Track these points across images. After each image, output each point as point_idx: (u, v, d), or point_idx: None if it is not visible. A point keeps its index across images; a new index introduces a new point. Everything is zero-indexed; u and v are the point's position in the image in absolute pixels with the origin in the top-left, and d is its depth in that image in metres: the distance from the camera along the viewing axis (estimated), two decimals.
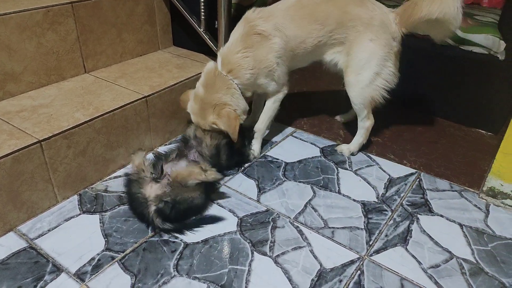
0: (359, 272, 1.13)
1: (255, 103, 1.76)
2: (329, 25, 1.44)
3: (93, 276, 1.08)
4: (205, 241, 1.21)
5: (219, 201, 1.37)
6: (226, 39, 1.68)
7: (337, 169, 1.56)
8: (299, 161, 1.60)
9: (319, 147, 1.70)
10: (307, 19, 1.43)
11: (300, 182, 1.47)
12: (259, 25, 1.39)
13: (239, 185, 1.45)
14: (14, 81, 1.45)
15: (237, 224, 1.28)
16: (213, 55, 1.85)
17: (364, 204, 1.38)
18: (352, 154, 1.65)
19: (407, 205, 1.39)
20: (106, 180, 1.44)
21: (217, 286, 1.07)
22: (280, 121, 1.85)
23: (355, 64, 1.48)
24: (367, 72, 1.47)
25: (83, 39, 1.62)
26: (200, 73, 1.45)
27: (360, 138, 1.63)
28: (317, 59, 1.58)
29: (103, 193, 1.38)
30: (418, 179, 1.52)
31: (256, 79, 1.45)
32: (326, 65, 1.60)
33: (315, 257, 1.17)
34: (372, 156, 1.65)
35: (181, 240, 1.21)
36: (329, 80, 2.09)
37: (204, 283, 1.07)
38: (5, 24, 1.37)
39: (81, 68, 1.66)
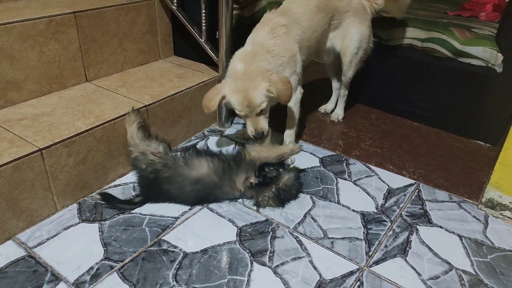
0: (358, 283, 1.12)
1: None
2: (329, 12, 1.62)
3: (92, 285, 1.07)
4: (204, 251, 1.20)
5: (219, 210, 1.37)
6: (227, 50, 1.70)
7: (336, 179, 1.57)
8: (301, 170, 1.60)
9: (318, 157, 1.70)
10: (314, 10, 1.56)
11: (299, 192, 1.48)
12: (280, 20, 1.48)
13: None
14: (16, 89, 1.46)
15: (237, 234, 1.27)
16: (213, 65, 1.86)
17: (363, 215, 1.38)
18: (339, 120, 1.98)
19: (407, 216, 1.39)
20: (106, 189, 1.44)
21: None
22: (280, 131, 1.85)
23: (352, 44, 1.72)
24: (361, 50, 1.77)
25: (85, 48, 1.63)
26: (201, 83, 1.46)
27: (344, 104, 1.99)
28: (321, 48, 1.74)
29: (102, 202, 1.38)
30: (417, 190, 1.53)
31: (283, 70, 1.49)
32: (324, 54, 1.80)
33: (315, 268, 1.16)
34: (371, 166, 1.66)
35: (180, 250, 1.20)
36: (328, 93, 2.11)
37: None
38: (8, 33, 1.39)
39: (82, 77, 1.67)
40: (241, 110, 1.40)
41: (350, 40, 1.71)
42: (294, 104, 1.61)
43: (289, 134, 1.68)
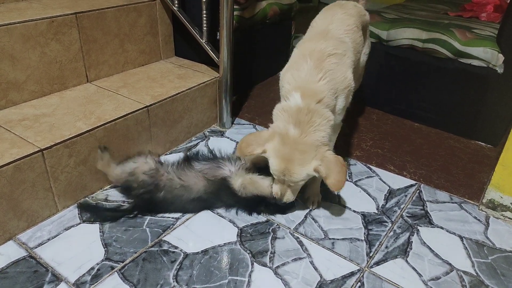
0: (359, 284, 1.12)
1: None
2: (361, 30, 1.49)
3: (93, 285, 1.07)
4: (205, 252, 1.20)
5: (219, 211, 1.37)
6: (228, 50, 1.70)
7: None
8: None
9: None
10: (352, 27, 1.39)
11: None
12: (327, 48, 1.23)
13: None
14: (17, 90, 1.46)
15: (237, 235, 1.27)
16: (214, 66, 1.87)
17: (364, 215, 1.38)
18: None
19: (407, 216, 1.39)
20: (107, 190, 1.44)
21: None
22: None
23: (364, 58, 1.67)
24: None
25: (86, 49, 1.63)
26: (201, 83, 1.44)
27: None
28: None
29: (103, 203, 1.38)
30: (418, 191, 1.53)
31: (336, 104, 1.24)
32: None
33: (315, 269, 1.16)
34: (372, 167, 1.66)
35: (180, 250, 1.20)
36: None
37: None
38: (10, 34, 1.39)
39: (83, 78, 1.67)
40: (274, 173, 1.21)
41: (363, 54, 1.64)
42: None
43: (314, 180, 1.38)
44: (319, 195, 1.43)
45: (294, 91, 1.18)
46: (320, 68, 1.19)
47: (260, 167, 1.34)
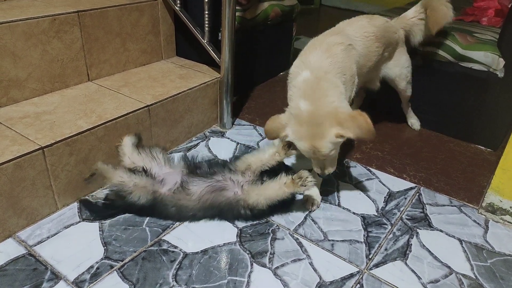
0: (358, 286, 1.12)
1: None
2: (384, 43, 1.56)
3: (92, 284, 1.07)
4: (205, 251, 1.20)
5: None
6: (229, 51, 1.70)
7: (337, 181, 1.57)
8: None
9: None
10: (372, 38, 1.47)
11: (300, 194, 1.47)
12: (336, 39, 1.31)
13: None
14: (18, 88, 1.46)
15: (237, 235, 1.27)
16: (216, 66, 1.87)
17: (364, 217, 1.38)
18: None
19: (407, 219, 1.39)
20: (107, 188, 1.44)
21: None
22: None
23: (404, 72, 1.75)
24: (410, 74, 1.79)
25: (87, 47, 1.64)
26: (203, 84, 1.44)
27: (412, 112, 1.99)
28: (369, 79, 1.69)
29: (103, 201, 1.38)
30: (417, 194, 1.53)
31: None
32: (372, 83, 1.74)
33: (315, 270, 1.16)
34: (372, 169, 1.66)
35: (180, 250, 1.20)
36: None
37: None
38: (12, 31, 1.39)
39: (84, 76, 1.67)
40: (308, 156, 1.24)
41: (402, 68, 1.73)
42: None
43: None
44: (319, 196, 1.43)
45: (303, 71, 1.25)
46: (328, 53, 1.27)
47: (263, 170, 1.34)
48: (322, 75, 1.21)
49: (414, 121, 2.00)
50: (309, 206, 1.40)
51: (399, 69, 1.73)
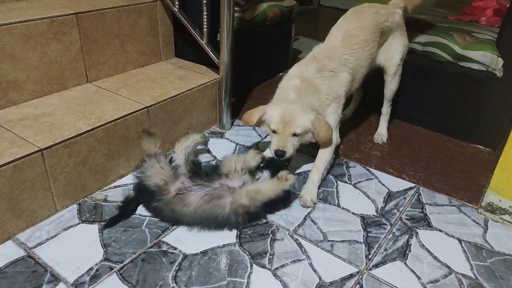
0: (358, 286, 1.12)
1: None
2: (377, 38, 1.60)
3: (91, 286, 1.07)
4: (204, 253, 1.20)
5: None
6: (228, 52, 1.70)
7: (336, 182, 1.57)
8: (299, 174, 1.61)
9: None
10: (361, 44, 1.55)
11: (299, 194, 1.48)
12: (328, 65, 1.48)
13: None
14: (17, 90, 1.46)
15: (236, 236, 1.27)
16: (214, 67, 1.87)
17: (363, 218, 1.38)
18: (383, 141, 1.88)
19: (406, 219, 1.39)
20: (106, 190, 1.44)
21: None
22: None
23: (396, 56, 1.72)
24: (403, 60, 1.76)
25: (86, 49, 1.64)
26: (201, 85, 1.44)
27: (386, 123, 1.91)
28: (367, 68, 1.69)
29: (102, 203, 1.38)
30: (417, 194, 1.53)
31: (327, 107, 1.48)
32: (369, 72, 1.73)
33: (314, 270, 1.16)
34: (371, 169, 1.66)
35: (179, 251, 1.20)
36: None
37: None
38: (10, 33, 1.39)
39: (83, 78, 1.67)
40: (276, 124, 1.36)
41: (394, 51, 1.71)
42: (329, 152, 1.51)
43: (311, 181, 1.48)
44: (314, 194, 1.44)
45: (295, 77, 1.46)
46: (320, 73, 1.46)
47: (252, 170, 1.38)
48: (309, 88, 1.43)
49: (383, 133, 1.89)
50: (302, 203, 1.42)
51: (391, 53, 1.71)
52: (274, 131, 1.38)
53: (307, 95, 1.41)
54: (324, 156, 1.50)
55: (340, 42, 1.54)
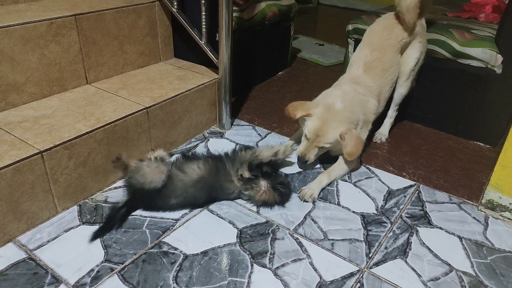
0: (358, 284, 1.12)
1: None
2: (398, 58, 1.70)
3: (92, 287, 1.07)
4: (205, 253, 1.21)
5: (219, 212, 1.37)
6: (227, 52, 1.70)
7: (336, 181, 1.57)
8: (299, 173, 1.61)
9: (318, 159, 1.70)
10: (380, 70, 1.64)
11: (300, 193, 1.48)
12: (359, 89, 1.58)
13: None
14: (17, 92, 1.46)
15: (237, 236, 1.28)
16: (214, 67, 1.87)
17: (363, 216, 1.39)
18: (382, 140, 1.88)
19: (407, 217, 1.39)
20: (106, 191, 1.45)
21: None
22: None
23: (411, 61, 1.74)
24: (418, 65, 1.80)
25: (85, 50, 1.64)
26: (201, 85, 1.45)
27: (390, 125, 1.92)
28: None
29: (103, 204, 1.38)
30: (417, 191, 1.53)
31: (357, 126, 1.56)
32: None
33: (315, 269, 1.16)
34: (371, 168, 1.66)
35: (180, 252, 1.20)
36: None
37: None
38: (9, 36, 1.39)
39: (83, 79, 1.67)
40: (309, 133, 1.49)
41: (409, 57, 1.72)
42: (350, 164, 1.57)
43: (317, 180, 1.50)
44: (316, 191, 1.45)
45: (342, 89, 1.56)
46: (355, 94, 1.56)
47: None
48: (359, 95, 1.55)
49: (383, 134, 1.89)
50: (301, 196, 1.45)
51: (406, 58, 1.73)
52: (306, 136, 1.51)
53: (352, 107, 1.50)
54: (342, 166, 1.56)
55: (362, 71, 1.65)
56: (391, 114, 1.89)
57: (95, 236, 1.24)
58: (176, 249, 1.21)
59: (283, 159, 1.53)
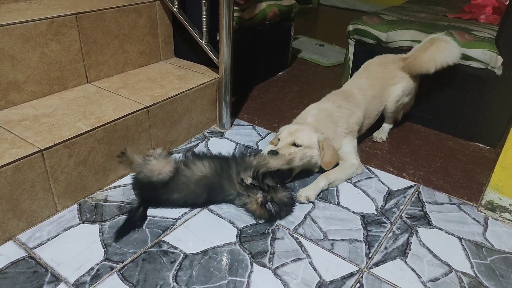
0: (358, 285, 1.12)
1: None
2: (383, 90, 1.79)
3: (92, 286, 1.07)
4: (205, 252, 1.20)
5: (219, 212, 1.37)
6: (228, 51, 1.70)
7: None
8: (299, 173, 1.61)
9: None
10: (370, 99, 1.73)
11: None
12: (346, 105, 1.64)
13: None
14: (17, 90, 1.46)
15: (237, 235, 1.28)
16: (214, 67, 1.87)
17: (363, 216, 1.39)
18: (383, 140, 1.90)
19: (406, 217, 1.39)
20: (106, 190, 1.45)
21: None
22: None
23: (395, 93, 1.82)
24: (402, 99, 1.85)
25: (86, 49, 1.64)
26: (201, 84, 1.45)
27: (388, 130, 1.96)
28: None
29: (103, 203, 1.38)
30: (417, 192, 1.53)
31: (344, 137, 1.61)
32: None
33: (315, 269, 1.16)
34: (371, 168, 1.66)
35: (180, 251, 1.20)
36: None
37: None
38: (10, 34, 1.39)
39: (83, 78, 1.67)
40: (282, 135, 1.50)
41: (394, 90, 1.80)
42: (349, 168, 1.57)
43: (319, 181, 1.50)
44: (312, 193, 1.44)
45: (318, 108, 1.64)
46: (338, 108, 1.63)
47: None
48: (327, 119, 1.60)
49: (383, 133, 1.90)
50: (298, 198, 1.44)
51: (390, 91, 1.81)
52: (279, 140, 1.51)
53: (324, 123, 1.57)
54: (342, 170, 1.56)
55: (355, 90, 1.73)
56: (387, 126, 1.95)
57: (120, 235, 1.24)
58: (176, 248, 1.21)
59: (303, 166, 1.50)
